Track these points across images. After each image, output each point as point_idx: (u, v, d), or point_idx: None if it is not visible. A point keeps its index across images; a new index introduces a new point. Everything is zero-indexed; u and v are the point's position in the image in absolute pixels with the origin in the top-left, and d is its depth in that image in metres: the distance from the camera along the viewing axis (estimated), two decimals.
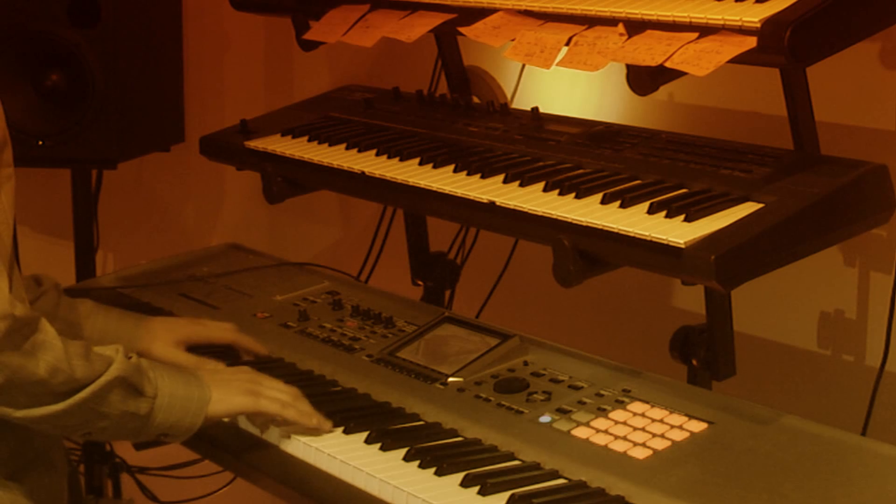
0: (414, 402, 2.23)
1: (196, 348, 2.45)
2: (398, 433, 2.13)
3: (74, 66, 3.37)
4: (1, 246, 1.94)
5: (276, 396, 2.16)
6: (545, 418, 2.13)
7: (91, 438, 2.11)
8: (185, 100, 3.72)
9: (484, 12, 2.40)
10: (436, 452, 2.04)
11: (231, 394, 2.14)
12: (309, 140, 2.75)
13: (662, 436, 2.03)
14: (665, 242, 1.99)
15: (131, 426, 2.06)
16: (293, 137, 2.78)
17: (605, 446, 2.03)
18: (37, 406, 1.96)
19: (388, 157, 2.55)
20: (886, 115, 2.49)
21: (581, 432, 2.08)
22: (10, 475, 2.08)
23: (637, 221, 2.06)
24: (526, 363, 2.34)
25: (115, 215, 3.99)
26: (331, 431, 2.15)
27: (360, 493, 2.02)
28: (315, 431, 2.14)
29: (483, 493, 1.93)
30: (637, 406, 2.13)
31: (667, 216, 2.06)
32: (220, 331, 2.48)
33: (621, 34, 2.14)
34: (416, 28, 2.51)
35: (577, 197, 2.19)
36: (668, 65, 2.03)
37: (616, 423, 2.09)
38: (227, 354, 2.46)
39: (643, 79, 2.10)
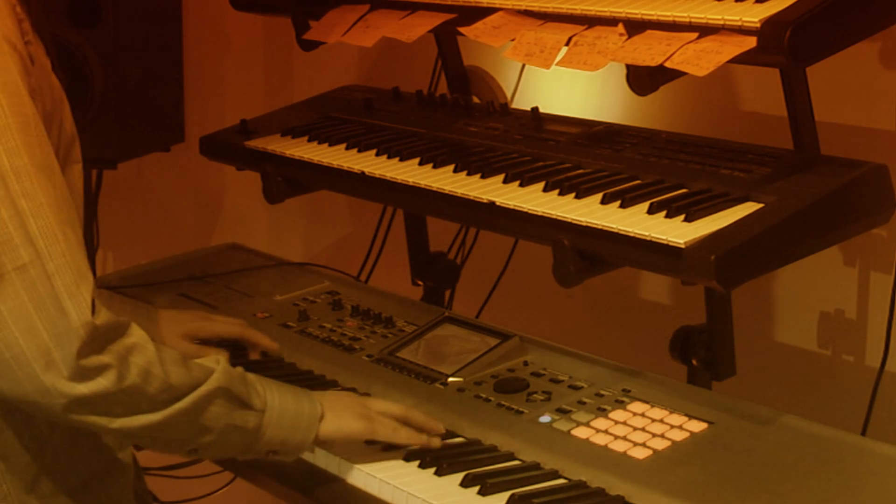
0: (414, 402, 2.23)
1: (205, 342, 2.43)
2: None
3: (74, 66, 3.37)
4: (80, 245, 1.85)
5: (388, 422, 2.07)
6: (545, 418, 2.13)
7: (198, 456, 2.00)
8: (185, 100, 3.72)
9: (484, 12, 2.40)
10: (436, 452, 2.04)
11: (345, 416, 2.04)
12: (309, 140, 2.75)
13: (662, 436, 2.03)
14: (665, 242, 1.99)
15: (238, 441, 1.96)
16: (293, 137, 2.78)
17: (605, 446, 2.03)
18: (134, 415, 1.86)
19: (388, 157, 2.55)
20: (886, 115, 2.49)
21: (581, 432, 2.08)
22: (76, 488, 2.00)
23: (637, 221, 2.06)
24: (526, 363, 2.34)
25: (115, 215, 3.99)
26: (442, 434, 2.10)
27: (360, 492, 2.02)
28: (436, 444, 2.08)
29: (483, 493, 1.93)
30: (637, 406, 2.13)
31: (667, 216, 2.06)
32: (228, 325, 2.46)
33: (621, 34, 2.14)
34: (416, 28, 2.51)
35: (577, 197, 2.19)
36: (668, 65, 2.03)
37: (616, 423, 2.09)
38: (236, 349, 2.45)
39: (643, 79, 2.10)
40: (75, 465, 2.00)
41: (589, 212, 2.12)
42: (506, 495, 1.90)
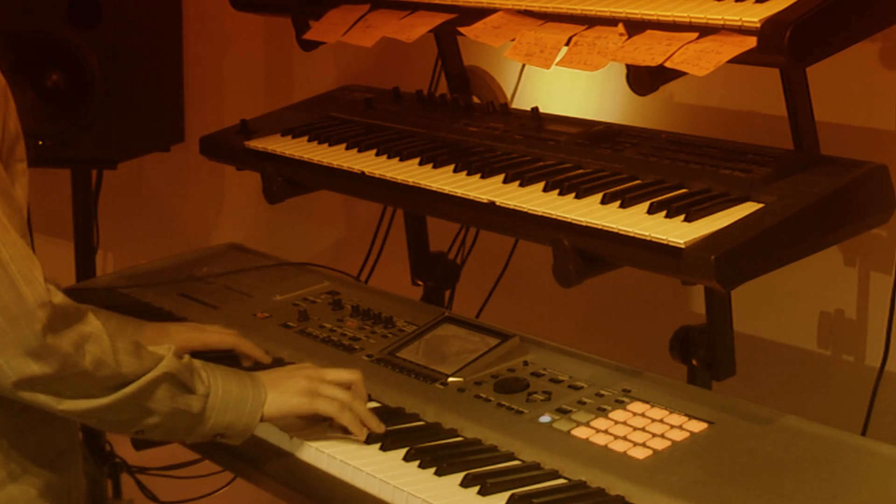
0: (414, 402, 2.23)
1: (197, 354, 2.42)
2: (398, 433, 2.13)
3: (74, 66, 3.38)
4: (25, 235, 1.93)
5: (335, 395, 2.13)
6: (545, 418, 2.13)
7: (144, 437, 2.08)
8: (185, 100, 3.72)
9: (484, 12, 2.40)
10: (436, 452, 2.04)
11: (287, 394, 2.11)
12: (309, 140, 2.75)
13: (662, 436, 2.03)
14: (665, 242, 1.99)
15: (183, 425, 2.05)
16: (293, 137, 2.78)
17: (605, 446, 2.03)
18: (81, 398, 1.94)
19: (388, 157, 2.55)
20: (886, 115, 2.49)
21: (581, 432, 2.08)
22: (26, 471, 2.06)
23: (637, 221, 2.06)
24: (526, 363, 2.34)
25: (115, 215, 3.99)
26: (382, 433, 2.12)
27: (359, 492, 2.02)
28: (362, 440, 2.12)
29: (483, 493, 1.93)
30: (637, 406, 2.13)
31: (667, 216, 2.06)
32: (220, 336, 2.45)
33: (621, 34, 2.14)
34: (416, 28, 2.51)
35: (577, 197, 2.19)
36: (668, 65, 2.03)
37: (616, 423, 2.09)
38: (229, 360, 2.44)
39: (643, 79, 2.10)
40: (32, 449, 2.06)
41: (589, 212, 2.12)
42: (506, 495, 1.90)
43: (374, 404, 2.26)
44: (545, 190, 2.25)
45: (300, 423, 2.16)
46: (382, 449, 2.08)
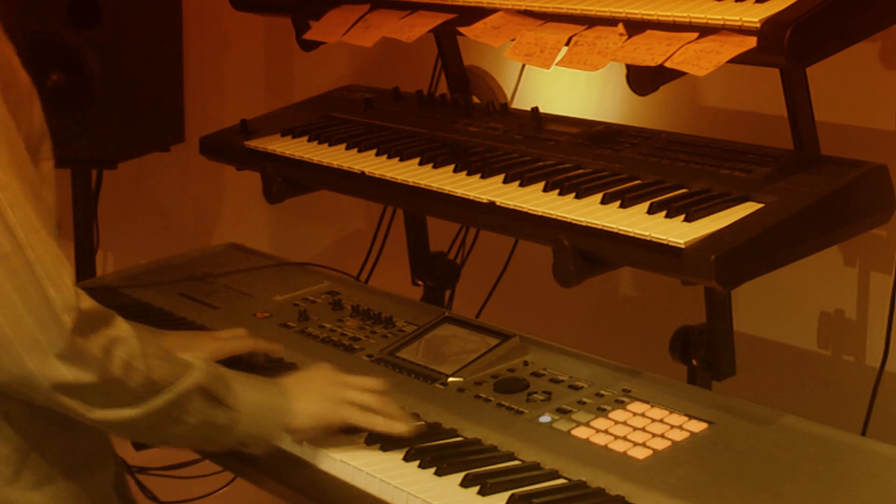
0: (414, 402, 2.23)
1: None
2: None
3: (74, 66, 3.38)
4: (55, 236, 1.89)
5: (362, 401, 2.08)
6: (545, 418, 2.13)
7: (166, 446, 2.02)
8: (185, 100, 3.73)
9: (484, 12, 2.40)
10: (436, 452, 2.04)
11: (314, 404, 2.05)
12: (309, 140, 2.75)
13: (662, 436, 2.03)
14: (665, 242, 1.99)
15: (209, 436, 1.99)
16: (293, 137, 2.78)
17: (605, 446, 2.03)
18: (113, 407, 1.89)
19: (388, 157, 2.55)
20: (886, 115, 2.49)
21: (581, 432, 2.08)
22: (52, 477, 2.01)
23: (637, 221, 2.06)
24: (526, 363, 2.34)
25: (115, 215, 3.99)
26: (423, 430, 2.09)
27: (360, 492, 2.02)
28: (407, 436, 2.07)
29: (483, 493, 1.93)
30: (637, 406, 2.13)
31: (667, 216, 2.06)
32: (237, 342, 2.42)
33: (621, 34, 2.14)
34: (416, 28, 2.51)
35: (577, 197, 2.19)
36: (668, 65, 2.03)
37: (616, 423, 2.09)
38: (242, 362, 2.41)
39: (643, 79, 2.10)
40: (54, 457, 2.02)
41: (589, 212, 2.12)
42: (506, 495, 1.90)
43: None
44: (545, 190, 2.25)
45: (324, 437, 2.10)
46: (382, 449, 2.08)
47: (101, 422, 1.91)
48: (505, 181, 2.32)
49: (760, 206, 2.06)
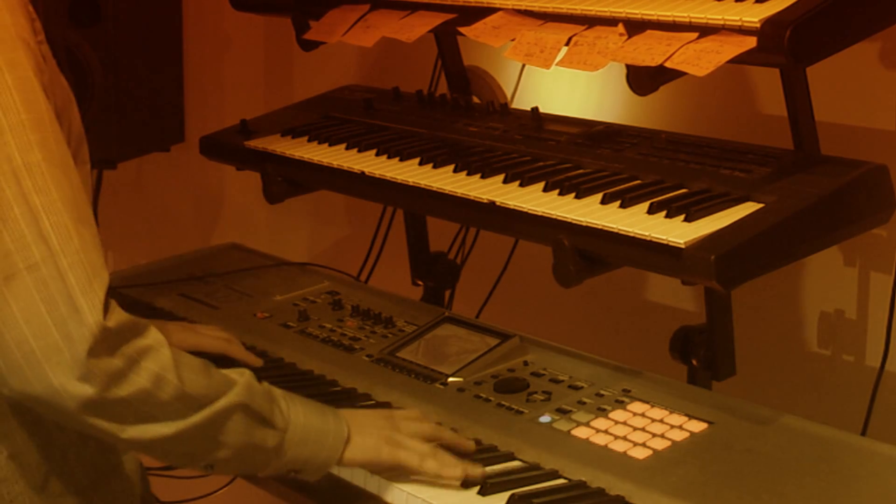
0: (414, 402, 2.23)
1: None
2: None
3: (74, 66, 3.37)
4: (95, 243, 1.81)
5: (416, 447, 1.99)
6: (545, 418, 2.13)
7: (214, 472, 1.92)
8: (185, 100, 3.72)
9: (484, 12, 2.40)
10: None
11: (371, 439, 1.97)
12: (309, 140, 2.75)
13: (662, 436, 2.03)
14: (665, 242, 1.99)
15: (257, 459, 1.90)
16: (293, 137, 2.78)
17: (605, 446, 2.03)
18: (145, 423, 1.80)
19: (388, 157, 2.55)
20: (886, 115, 2.49)
21: (581, 432, 2.08)
22: (85, 487, 1.98)
23: (637, 221, 2.06)
24: (526, 363, 2.34)
25: (115, 215, 3.99)
26: (480, 478, 1.96)
27: (360, 492, 2.02)
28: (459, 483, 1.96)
29: (483, 493, 1.93)
30: (637, 406, 2.13)
31: (667, 216, 2.06)
32: (212, 339, 2.41)
33: (621, 34, 2.14)
34: (416, 28, 2.51)
35: (577, 197, 2.19)
36: (668, 65, 2.03)
37: (616, 423, 2.09)
38: (219, 363, 2.41)
39: (643, 79, 2.10)
40: (83, 465, 1.98)
41: (589, 212, 2.12)
42: (506, 495, 1.90)
43: (373, 404, 2.26)
44: (545, 190, 2.25)
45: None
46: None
47: (134, 441, 1.82)
48: (505, 181, 2.32)
49: (760, 206, 2.06)
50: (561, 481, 1.97)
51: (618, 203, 2.14)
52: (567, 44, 2.22)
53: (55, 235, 1.75)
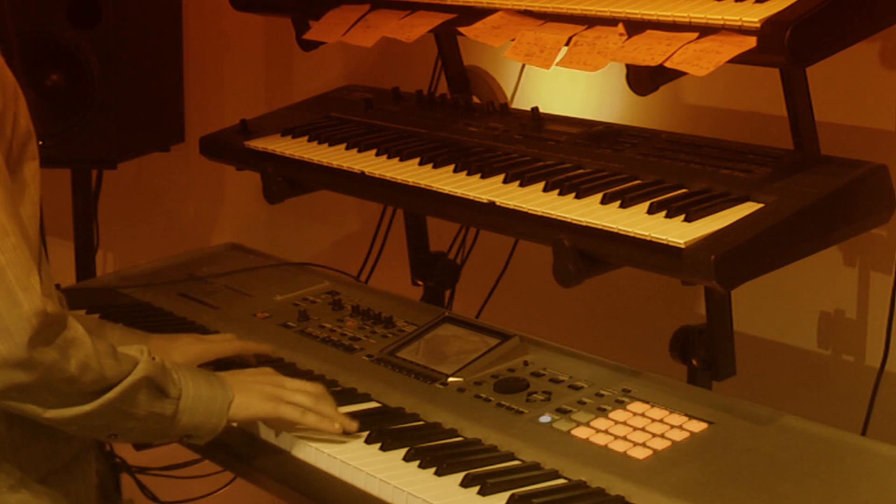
0: (414, 402, 2.23)
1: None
2: (398, 433, 2.13)
3: (74, 66, 3.38)
4: (29, 242, 1.92)
5: (298, 401, 2.14)
6: (545, 418, 2.13)
7: (117, 441, 2.08)
8: (185, 100, 3.72)
9: (484, 12, 2.40)
10: (436, 452, 2.04)
11: (252, 398, 2.12)
12: (309, 140, 2.75)
13: (662, 436, 2.03)
14: (665, 242, 1.99)
15: (157, 427, 2.04)
16: (293, 137, 2.78)
17: (605, 446, 2.03)
18: (67, 406, 1.93)
19: (388, 157, 2.55)
20: (886, 115, 2.49)
21: (581, 432, 2.08)
22: (41, 479, 2.06)
23: (637, 221, 2.06)
24: (526, 363, 2.34)
25: (115, 215, 3.99)
26: (356, 432, 2.13)
27: (360, 492, 2.02)
28: (338, 434, 2.13)
29: (483, 493, 1.93)
30: (637, 406, 2.13)
31: (667, 216, 2.06)
32: (223, 344, 2.45)
33: (621, 34, 2.14)
34: (416, 28, 2.51)
35: (577, 197, 2.19)
36: (668, 65, 2.03)
37: (616, 423, 2.09)
38: (234, 364, 2.42)
39: (643, 79, 2.10)
40: (35, 460, 2.05)
41: (589, 212, 2.12)
42: (506, 495, 1.90)
43: (374, 404, 2.26)
44: (545, 190, 2.25)
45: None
46: (382, 449, 2.08)
47: (56, 420, 1.95)
48: (505, 181, 2.32)
49: (760, 206, 2.06)
50: (561, 481, 1.97)
51: (618, 203, 2.14)
52: (567, 44, 2.22)
53: None
